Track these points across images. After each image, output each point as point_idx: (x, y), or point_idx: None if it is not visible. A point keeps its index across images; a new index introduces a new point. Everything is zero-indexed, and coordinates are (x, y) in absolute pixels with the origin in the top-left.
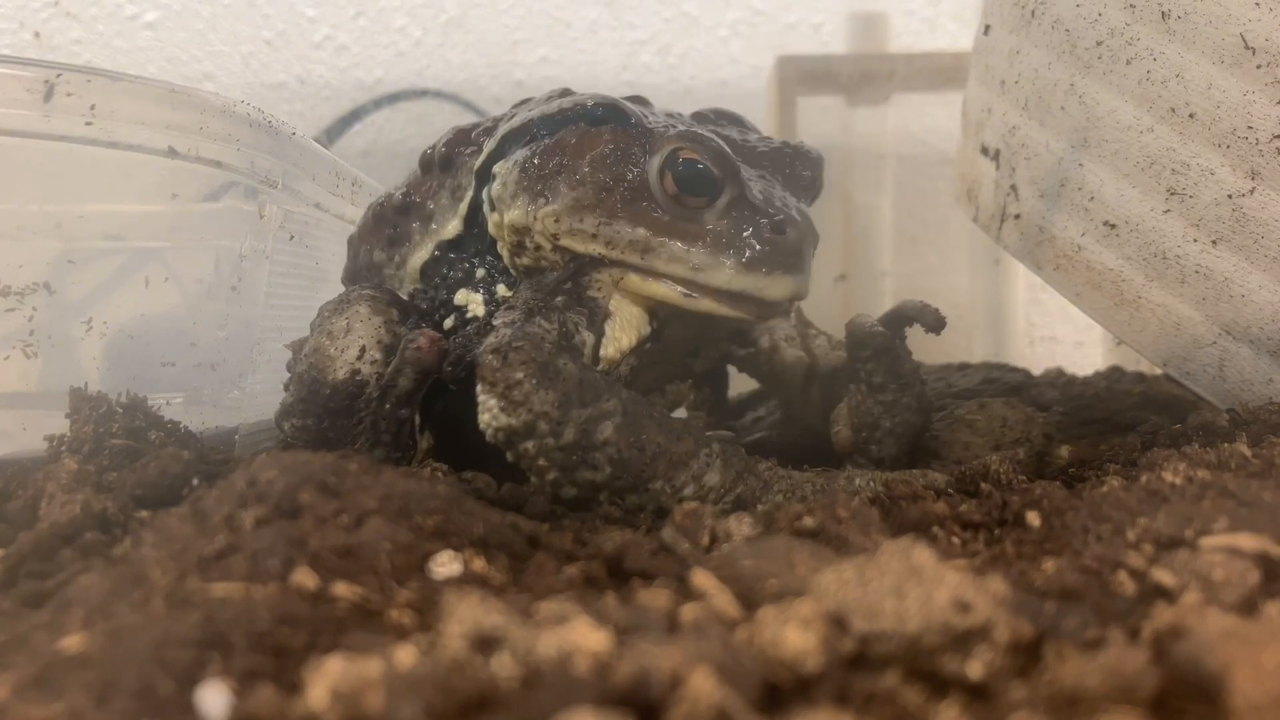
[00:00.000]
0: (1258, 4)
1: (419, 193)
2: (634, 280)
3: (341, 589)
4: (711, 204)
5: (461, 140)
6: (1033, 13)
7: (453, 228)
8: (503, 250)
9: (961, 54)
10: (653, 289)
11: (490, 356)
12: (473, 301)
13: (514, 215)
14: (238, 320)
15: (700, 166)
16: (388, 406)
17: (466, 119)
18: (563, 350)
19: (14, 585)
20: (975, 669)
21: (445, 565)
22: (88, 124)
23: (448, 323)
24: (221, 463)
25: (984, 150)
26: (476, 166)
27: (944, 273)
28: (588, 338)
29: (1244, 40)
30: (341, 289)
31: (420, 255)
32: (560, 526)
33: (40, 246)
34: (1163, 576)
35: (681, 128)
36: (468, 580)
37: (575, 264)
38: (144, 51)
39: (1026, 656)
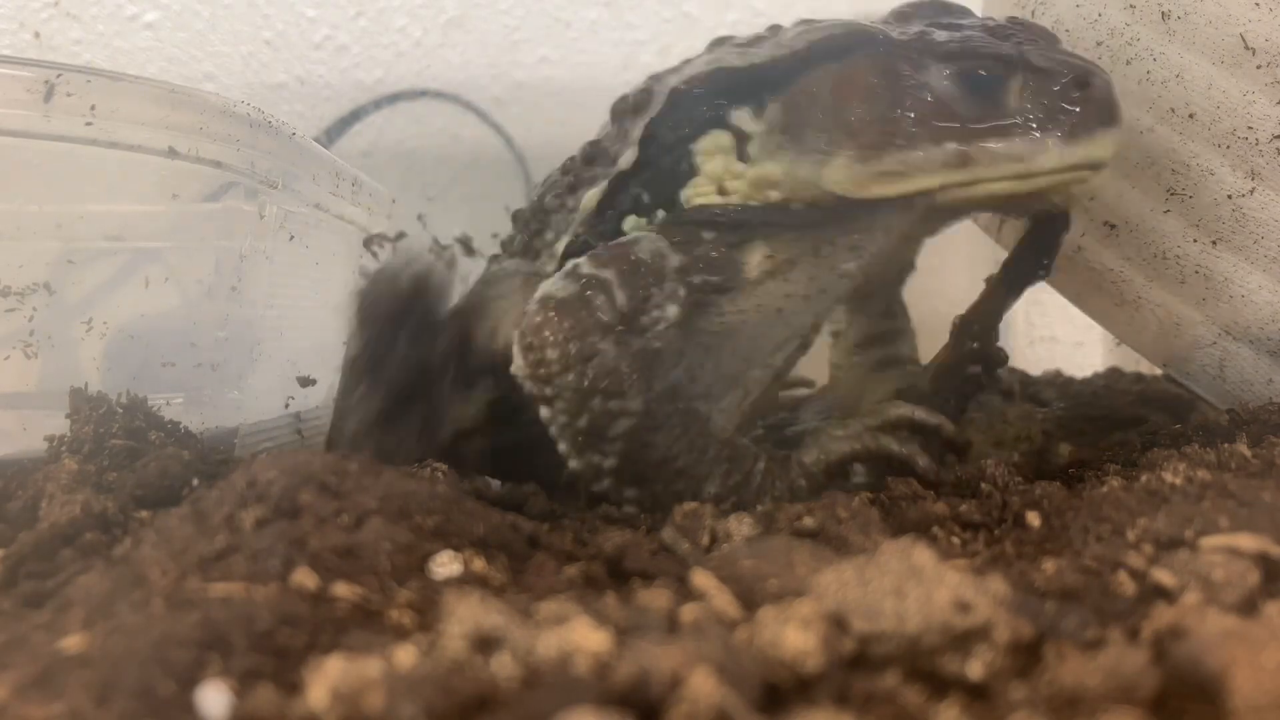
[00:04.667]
0: (1258, 4)
1: (606, 139)
2: (955, 194)
3: (341, 589)
4: (1004, 93)
5: (657, 79)
6: (1032, 13)
7: (628, 157)
8: (698, 193)
9: None
10: (981, 192)
11: (536, 312)
12: (640, 228)
13: (773, 169)
14: (238, 320)
15: (982, 64)
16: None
17: (466, 119)
18: (613, 331)
19: (14, 585)
20: (975, 669)
21: (445, 565)
22: (88, 124)
23: None
24: (221, 463)
25: None
26: (672, 86)
27: (944, 273)
28: (670, 313)
29: (1244, 40)
30: (342, 285)
31: (596, 191)
32: (560, 526)
33: (40, 246)
34: (1163, 577)
35: (940, 35)
36: (468, 580)
37: (740, 228)
38: (144, 51)
39: (1026, 656)
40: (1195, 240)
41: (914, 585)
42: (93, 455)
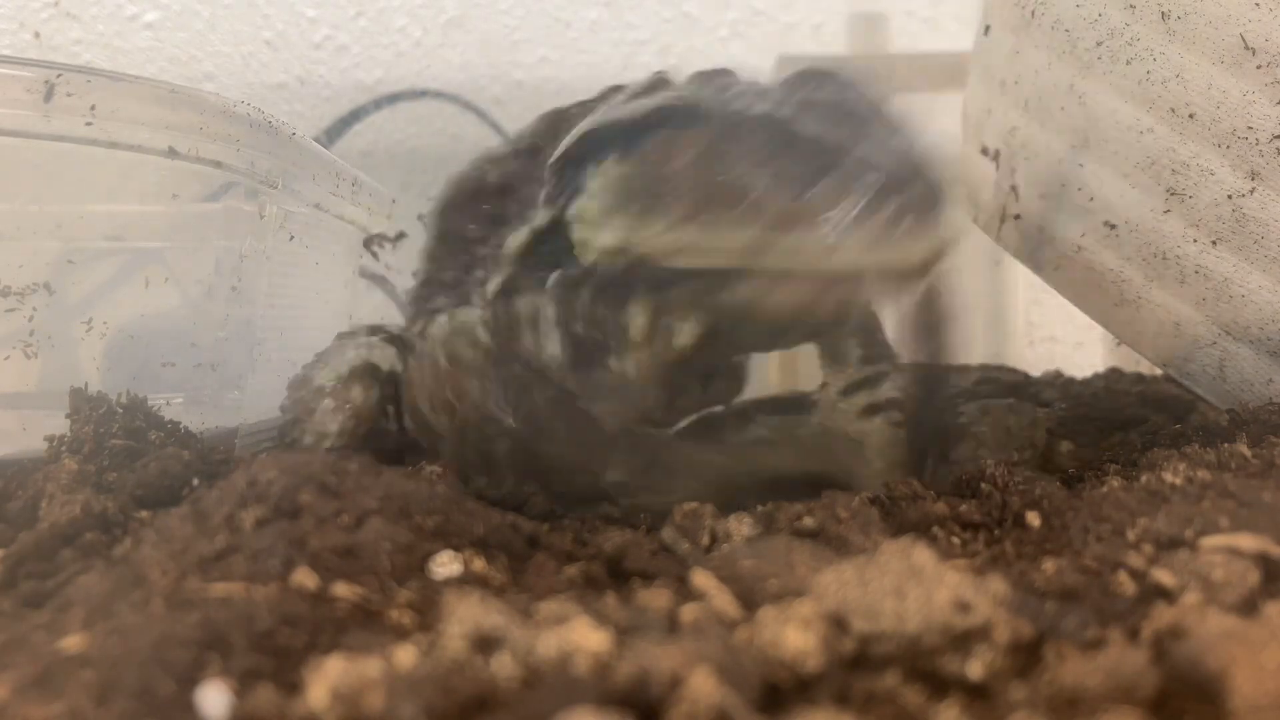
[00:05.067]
0: (1258, 4)
1: (518, 178)
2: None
3: (341, 589)
4: (823, 183)
5: (549, 130)
6: (1033, 13)
7: (541, 217)
8: (576, 248)
9: (961, 54)
10: (768, 295)
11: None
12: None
13: (607, 238)
14: (238, 321)
15: (803, 156)
16: None
17: (466, 119)
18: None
19: (14, 585)
20: (975, 669)
21: (445, 565)
22: (88, 124)
23: None
24: (221, 463)
25: (984, 151)
26: (551, 161)
27: (944, 273)
28: (550, 349)
29: (1244, 40)
30: (342, 285)
31: (518, 238)
32: (560, 526)
33: (40, 246)
34: (1163, 577)
35: (778, 112)
36: (468, 580)
37: (625, 285)
38: (144, 51)
39: (1026, 656)
40: (1195, 240)
41: (914, 585)
42: (93, 455)
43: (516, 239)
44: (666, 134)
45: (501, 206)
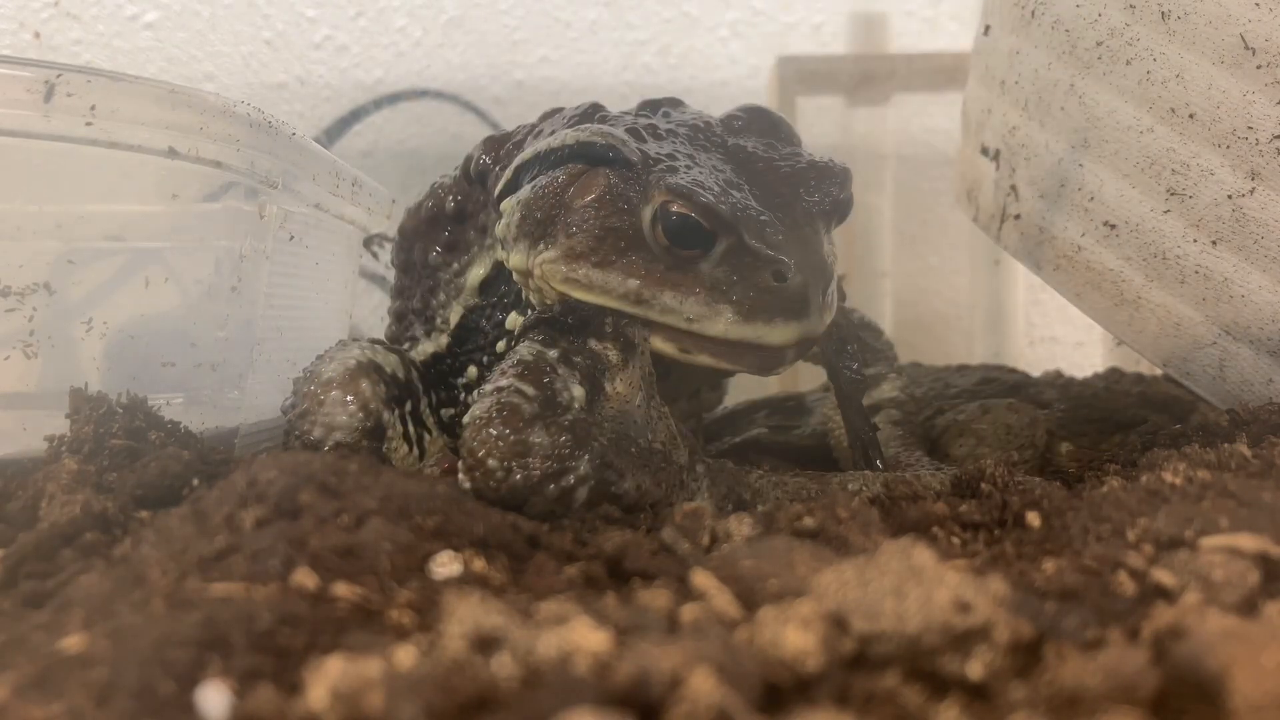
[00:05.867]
0: (1258, 4)
1: (471, 203)
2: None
3: (342, 589)
4: (706, 254)
5: (492, 155)
6: (1033, 13)
7: (498, 251)
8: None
9: (961, 54)
10: (651, 342)
11: (468, 435)
12: (517, 324)
13: (515, 259)
14: (238, 320)
15: (691, 219)
16: None
17: (466, 119)
18: (538, 420)
19: (14, 585)
20: (975, 669)
21: (445, 565)
22: (88, 124)
23: (499, 346)
24: (221, 463)
25: (984, 150)
26: (495, 194)
27: (944, 273)
28: (577, 393)
29: (1244, 40)
30: (342, 285)
31: (479, 271)
32: (560, 526)
33: (40, 246)
34: (1163, 577)
35: (672, 179)
36: (468, 580)
37: (580, 312)
38: (144, 52)
39: (1026, 656)
40: (1195, 240)
41: (914, 585)
42: (93, 455)
43: (476, 274)
44: (573, 169)
45: (460, 232)
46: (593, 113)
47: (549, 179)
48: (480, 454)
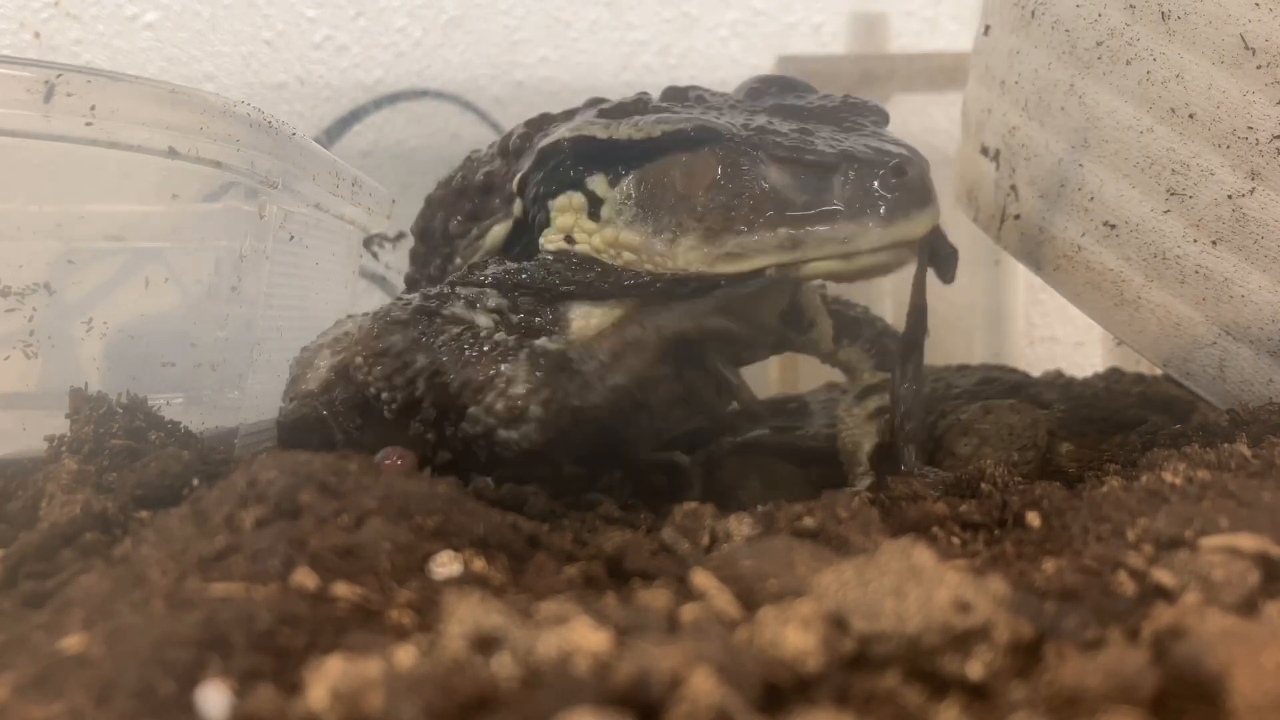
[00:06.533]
0: (1258, 4)
1: (500, 176)
2: (789, 271)
3: (341, 589)
4: (829, 180)
5: (536, 128)
6: (1033, 13)
7: (518, 207)
8: (549, 241)
9: (961, 54)
10: (811, 270)
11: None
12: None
13: (630, 237)
14: (238, 321)
15: (807, 158)
16: None
17: (466, 119)
18: (406, 324)
19: (14, 585)
20: (975, 669)
21: (445, 565)
22: (88, 124)
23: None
24: (221, 463)
25: (984, 150)
26: (540, 146)
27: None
28: (481, 320)
29: (1244, 40)
30: (342, 285)
31: (501, 229)
32: (560, 526)
33: (40, 246)
34: (1163, 576)
35: (772, 138)
36: (468, 580)
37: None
38: (144, 52)
39: (1026, 656)
40: (1195, 240)
41: (914, 585)
42: (93, 455)
43: (497, 233)
44: (679, 158)
45: (484, 203)
46: (640, 103)
47: (653, 168)
48: (350, 355)
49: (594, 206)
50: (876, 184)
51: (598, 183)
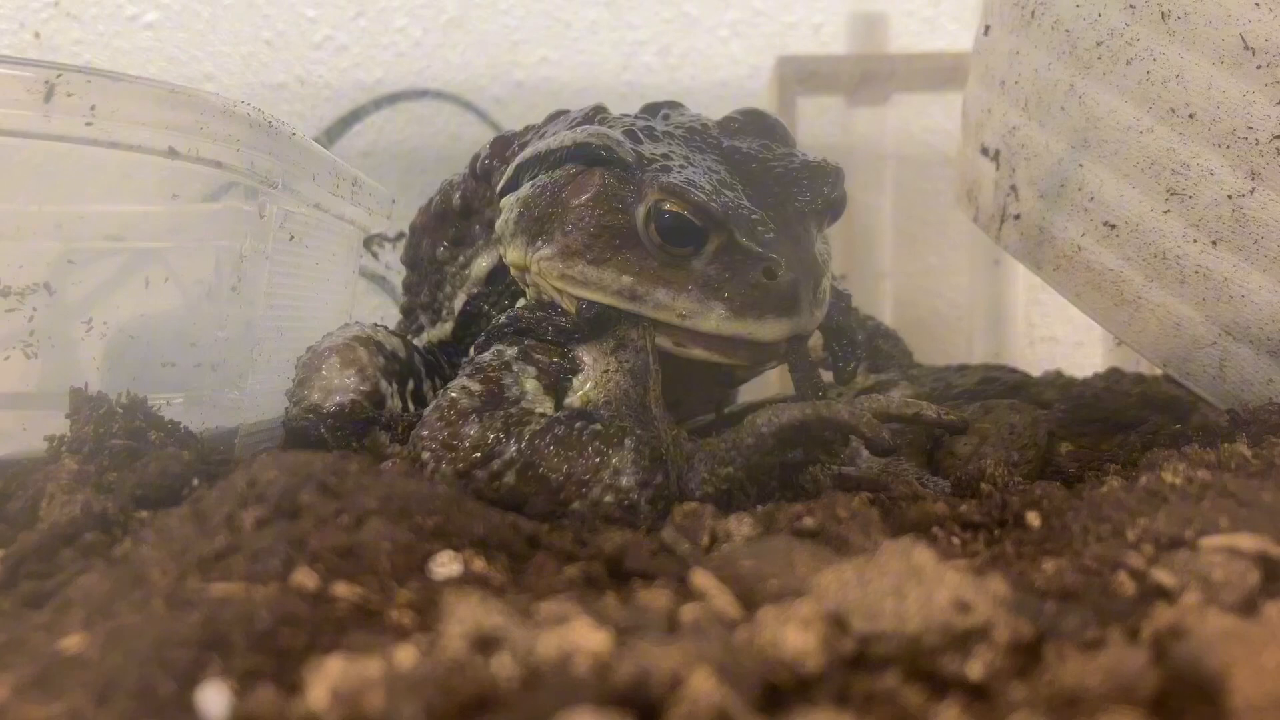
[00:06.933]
0: (1258, 4)
1: (477, 199)
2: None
3: (341, 589)
4: (698, 251)
5: (498, 154)
6: (1033, 13)
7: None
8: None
9: (961, 54)
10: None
11: (413, 434)
12: (492, 325)
13: (512, 255)
14: (238, 321)
15: (684, 216)
16: None
17: (466, 119)
18: (474, 413)
19: (14, 585)
20: (975, 669)
21: (445, 565)
22: (88, 124)
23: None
24: (221, 463)
25: (984, 150)
26: (498, 190)
27: (944, 273)
28: (529, 386)
29: (1244, 40)
30: (342, 285)
31: (484, 262)
32: (560, 526)
33: (40, 246)
34: (1163, 577)
35: (665, 178)
36: (468, 580)
37: (553, 312)
38: (144, 52)
39: (1026, 656)
40: (1195, 240)
41: (914, 585)
42: (93, 455)
43: (481, 265)
44: (570, 170)
45: (466, 229)
46: (594, 115)
47: (547, 179)
48: (416, 449)
49: (503, 220)
50: (740, 275)
51: (504, 202)
